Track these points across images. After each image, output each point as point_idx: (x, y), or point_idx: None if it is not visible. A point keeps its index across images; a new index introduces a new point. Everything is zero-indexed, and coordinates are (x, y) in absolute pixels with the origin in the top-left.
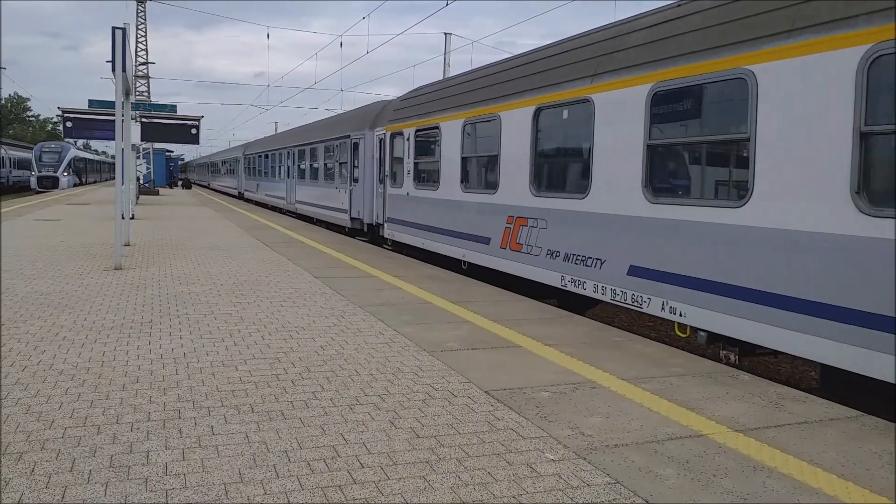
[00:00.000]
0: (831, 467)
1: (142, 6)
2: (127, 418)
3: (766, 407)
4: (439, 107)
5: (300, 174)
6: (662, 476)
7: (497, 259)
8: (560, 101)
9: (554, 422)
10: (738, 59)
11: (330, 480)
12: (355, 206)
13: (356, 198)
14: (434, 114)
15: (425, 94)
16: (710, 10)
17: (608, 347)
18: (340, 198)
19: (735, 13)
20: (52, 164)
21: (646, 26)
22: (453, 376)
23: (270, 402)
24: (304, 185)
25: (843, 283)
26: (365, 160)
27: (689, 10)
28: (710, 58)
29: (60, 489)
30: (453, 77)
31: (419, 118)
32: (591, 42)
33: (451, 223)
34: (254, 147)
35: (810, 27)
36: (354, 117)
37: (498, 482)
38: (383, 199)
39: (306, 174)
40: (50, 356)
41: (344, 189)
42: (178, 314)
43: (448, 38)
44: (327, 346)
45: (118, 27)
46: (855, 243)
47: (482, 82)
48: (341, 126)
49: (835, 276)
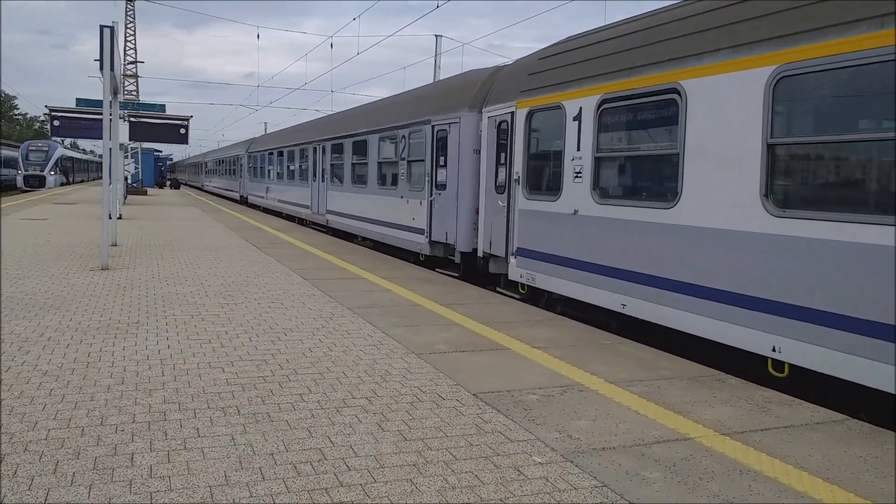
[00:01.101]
0: (817, 471)
1: (130, 5)
2: (112, 420)
3: (753, 410)
4: (681, 50)
5: (336, 176)
6: (649, 479)
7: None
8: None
9: (542, 425)
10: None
11: (316, 483)
12: (439, 224)
13: (440, 213)
14: (660, 66)
15: (626, 33)
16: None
17: (596, 350)
18: (410, 211)
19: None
20: (39, 163)
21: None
22: (441, 379)
23: (257, 404)
24: (340, 190)
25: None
26: (460, 156)
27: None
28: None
29: (44, 491)
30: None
31: (612, 77)
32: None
33: (737, 280)
34: (262, 143)
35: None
36: (439, 94)
37: (485, 485)
38: (507, 218)
39: (345, 176)
40: (34, 357)
41: (417, 199)
42: (164, 315)
43: (439, 40)
44: (315, 348)
45: (106, 26)
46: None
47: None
48: (412, 108)
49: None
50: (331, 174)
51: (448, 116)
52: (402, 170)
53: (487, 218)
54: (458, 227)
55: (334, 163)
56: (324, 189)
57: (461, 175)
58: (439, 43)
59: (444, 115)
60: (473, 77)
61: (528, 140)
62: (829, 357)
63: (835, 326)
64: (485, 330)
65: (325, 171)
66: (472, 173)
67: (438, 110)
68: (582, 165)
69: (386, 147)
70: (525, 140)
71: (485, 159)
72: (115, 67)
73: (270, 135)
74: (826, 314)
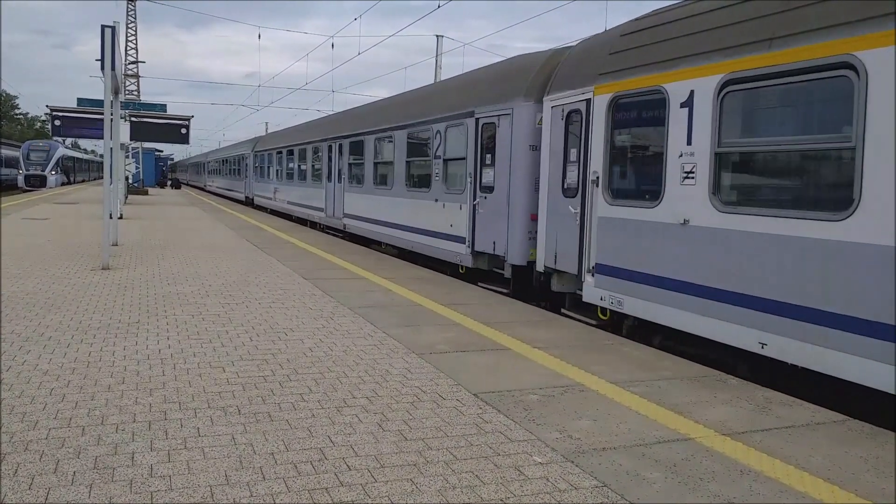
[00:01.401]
0: (818, 471)
1: (132, 5)
2: (112, 419)
3: (754, 411)
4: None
5: (354, 176)
6: (650, 479)
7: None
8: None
9: (542, 425)
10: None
11: (317, 483)
12: (483, 232)
13: (484, 219)
14: (822, 33)
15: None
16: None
17: (597, 350)
18: (447, 217)
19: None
20: (40, 163)
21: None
22: (442, 379)
23: (258, 403)
24: (359, 192)
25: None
26: (512, 153)
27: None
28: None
29: (44, 491)
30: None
31: (743, 51)
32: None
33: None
34: (270, 141)
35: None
36: (486, 81)
37: (485, 485)
38: (580, 228)
39: (366, 176)
40: (35, 356)
41: (455, 203)
42: (165, 315)
43: (440, 40)
44: (316, 348)
45: (108, 25)
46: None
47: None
48: (451, 99)
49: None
50: (349, 175)
51: (497, 108)
52: (437, 169)
53: (551, 226)
54: (510, 236)
55: (353, 161)
56: (338, 191)
57: (513, 175)
58: (440, 43)
59: (492, 106)
60: (525, 61)
61: (612, 133)
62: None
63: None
64: (485, 330)
65: (341, 171)
66: (528, 173)
67: (487, 100)
68: (695, 163)
69: (418, 144)
70: (607, 133)
71: (547, 156)
72: (117, 67)
73: (279, 132)
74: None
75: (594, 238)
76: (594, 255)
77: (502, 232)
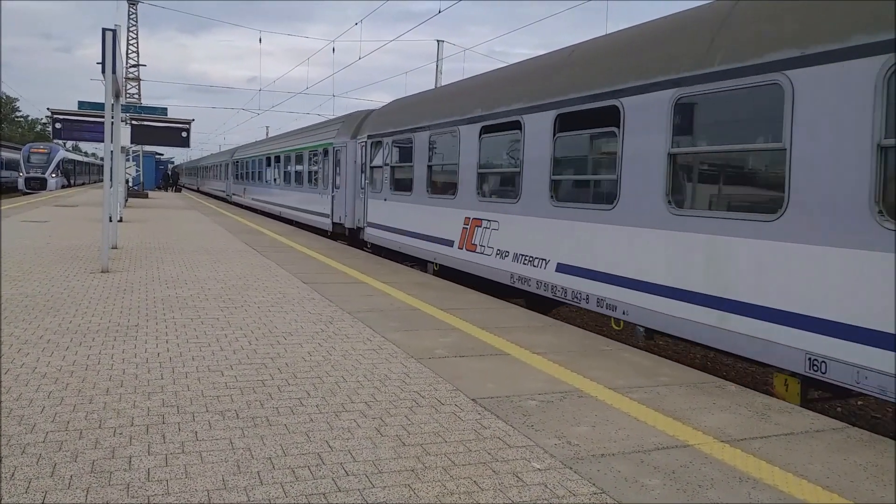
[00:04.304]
0: (817, 479)
1: (133, 8)
2: (110, 423)
3: (753, 418)
4: None
5: (395, 182)
6: (648, 486)
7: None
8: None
9: (541, 430)
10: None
11: (314, 488)
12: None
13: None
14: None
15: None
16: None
17: (596, 356)
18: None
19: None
20: (41, 166)
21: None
22: (441, 384)
23: (256, 408)
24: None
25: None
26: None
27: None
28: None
29: (40, 494)
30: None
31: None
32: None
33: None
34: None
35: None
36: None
37: (483, 491)
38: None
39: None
40: (33, 359)
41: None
42: (164, 318)
43: (441, 45)
44: (314, 353)
45: (109, 29)
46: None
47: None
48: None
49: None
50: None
51: (341, 142)
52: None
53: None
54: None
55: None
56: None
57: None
58: (441, 48)
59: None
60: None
61: (371, 156)
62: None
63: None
64: (484, 335)
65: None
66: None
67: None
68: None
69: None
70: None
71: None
72: (117, 70)
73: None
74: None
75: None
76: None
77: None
